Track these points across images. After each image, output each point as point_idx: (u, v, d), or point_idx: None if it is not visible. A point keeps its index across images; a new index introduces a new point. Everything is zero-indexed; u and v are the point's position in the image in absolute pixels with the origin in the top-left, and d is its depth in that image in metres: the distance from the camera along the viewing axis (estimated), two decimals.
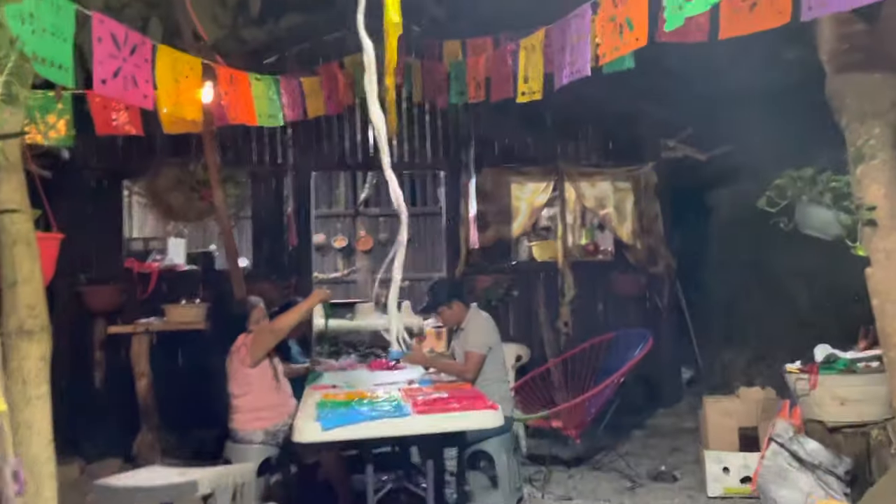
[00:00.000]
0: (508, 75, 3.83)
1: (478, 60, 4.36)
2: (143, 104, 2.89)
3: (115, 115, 4.20)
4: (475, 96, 4.46)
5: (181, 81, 3.26)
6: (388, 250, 11.99)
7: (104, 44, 2.61)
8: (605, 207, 7.37)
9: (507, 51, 3.84)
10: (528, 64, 3.57)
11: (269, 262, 6.99)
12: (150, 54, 2.92)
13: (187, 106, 3.30)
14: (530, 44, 3.56)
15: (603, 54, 2.76)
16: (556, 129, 7.43)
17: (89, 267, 6.81)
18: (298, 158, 7.10)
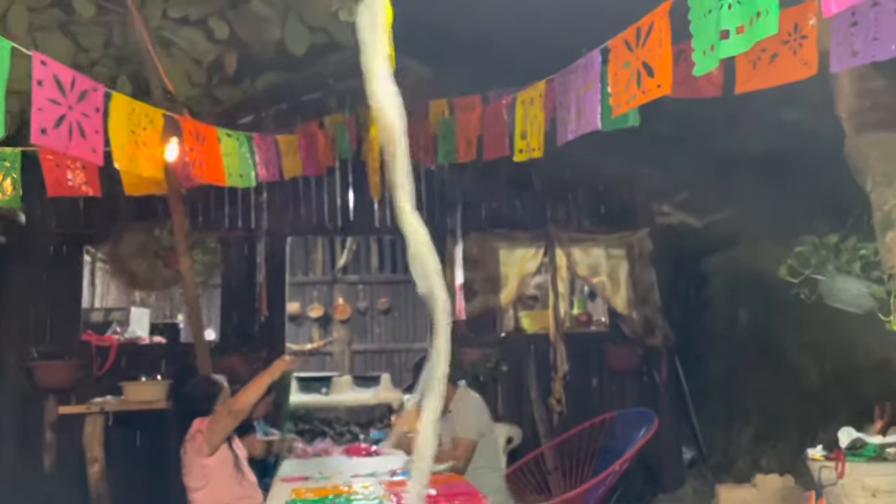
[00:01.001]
0: (503, 132, 3.48)
1: (469, 117, 4.02)
2: (90, 158, 2.48)
3: (71, 173, 3.77)
4: (465, 155, 4.10)
5: (139, 134, 2.86)
6: (366, 320, 11.57)
7: (45, 88, 2.22)
8: (598, 275, 6.99)
9: (501, 105, 3.51)
10: (526, 118, 3.22)
11: (238, 333, 6.47)
12: (102, 102, 2.53)
13: (145, 162, 2.90)
14: (528, 97, 3.22)
15: (617, 104, 2.41)
16: (546, 192, 7.12)
17: (43, 340, 6.25)
18: (273, 223, 6.68)
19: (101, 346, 6.24)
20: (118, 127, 2.69)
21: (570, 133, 2.75)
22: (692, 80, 3.15)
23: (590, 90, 2.59)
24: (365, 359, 11.35)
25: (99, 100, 2.48)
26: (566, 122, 2.76)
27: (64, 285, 6.39)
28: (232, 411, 3.69)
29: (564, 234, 6.92)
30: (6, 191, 3.48)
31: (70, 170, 3.83)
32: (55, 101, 2.26)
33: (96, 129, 2.46)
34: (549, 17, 5.31)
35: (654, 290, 6.93)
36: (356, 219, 6.89)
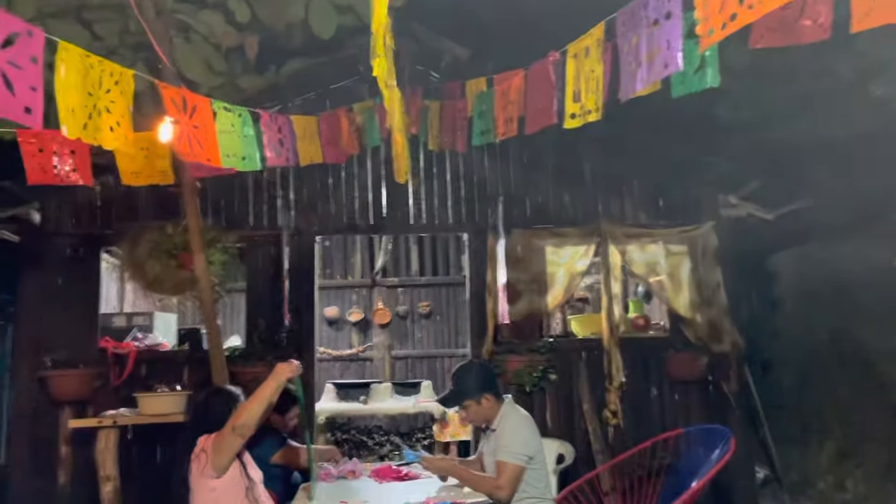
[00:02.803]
0: (550, 95, 2.89)
1: (509, 85, 3.42)
2: (22, 119, 1.98)
3: (57, 160, 3.30)
4: (505, 132, 3.50)
5: (99, 96, 2.36)
6: (407, 324, 11.05)
7: None
8: (657, 274, 6.30)
9: (547, 63, 2.91)
10: (579, 75, 2.62)
11: (264, 340, 5.98)
12: (42, 52, 2.03)
13: (106, 132, 2.38)
14: (582, 47, 2.62)
15: (707, 32, 1.79)
16: (598, 183, 6.47)
17: (58, 347, 5.87)
18: (300, 220, 6.18)
19: (118, 353, 5.83)
20: (69, 86, 2.20)
21: (639, 83, 2.15)
22: (792, 24, 2.51)
23: (666, 22, 1.99)
24: (405, 365, 10.84)
25: (36, 48, 1.99)
26: (633, 69, 2.16)
27: (80, 289, 6.01)
28: (236, 428, 3.18)
29: (618, 230, 6.25)
30: None
31: (56, 155, 3.37)
32: None
33: (32, 85, 1.97)
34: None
35: (721, 290, 6.20)
36: (389, 216, 6.35)
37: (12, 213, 5.77)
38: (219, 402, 3.51)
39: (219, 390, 3.81)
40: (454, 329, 10.86)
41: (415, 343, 10.86)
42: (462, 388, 3.83)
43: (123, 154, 3.77)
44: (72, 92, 2.23)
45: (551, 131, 5.66)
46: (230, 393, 3.61)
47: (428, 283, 10.94)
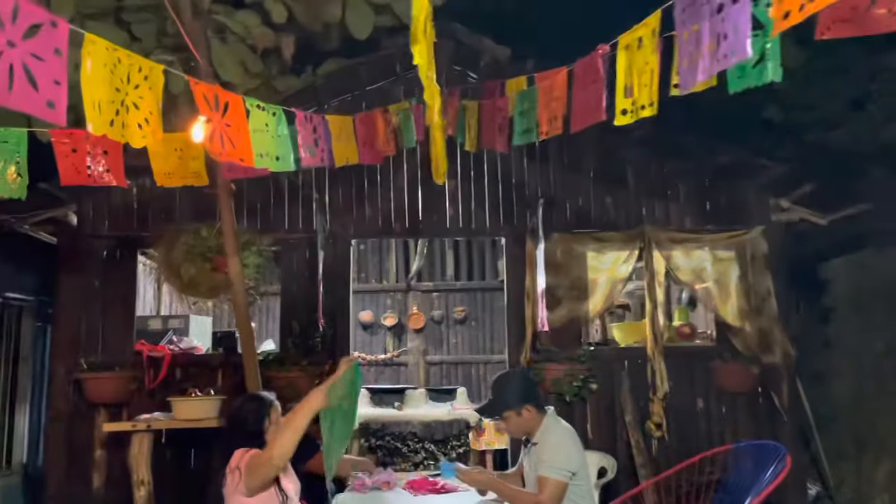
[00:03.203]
0: (598, 92, 2.71)
1: (553, 82, 3.25)
2: (44, 115, 1.88)
3: (90, 160, 3.23)
4: (548, 131, 3.33)
5: (127, 92, 2.26)
6: (442, 329, 10.90)
7: None
8: (703, 281, 6.05)
9: (596, 56, 2.74)
10: (631, 68, 2.45)
11: (299, 344, 5.89)
12: (66, 44, 1.93)
13: (135, 130, 2.28)
14: (634, 38, 2.45)
15: (782, 14, 1.61)
16: (641, 186, 6.25)
17: (94, 350, 5.86)
18: (336, 224, 6.08)
19: (153, 357, 5.79)
20: (95, 80, 2.10)
21: (700, 73, 1.97)
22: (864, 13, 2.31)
23: (733, 7, 1.81)
24: (440, 370, 10.69)
25: (60, 39, 1.90)
26: (694, 57, 1.98)
27: (117, 291, 6.00)
28: (272, 459, 3.04)
29: (663, 234, 6.03)
30: (8, 178, 2.96)
31: (90, 156, 3.30)
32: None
33: (56, 79, 1.87)
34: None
35: (771, 298, 5.93)
36: (425, 219, 6.22)
37: (50, 215, 5.78)
38: (252, 409, 3.38)
39: (252, 397, 3.67)
40: (489, 335, 10.68)
41: (450, 348, 10.70)
42: (502, 398, 3.66)
43: (156, 154, 3.69)
44: (98, 87, 2.13)
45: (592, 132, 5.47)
46: (263, 399, 3.47)
47: (463, 287, 10.77)
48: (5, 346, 7.34)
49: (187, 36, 4.03)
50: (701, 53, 1.96)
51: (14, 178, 3.02)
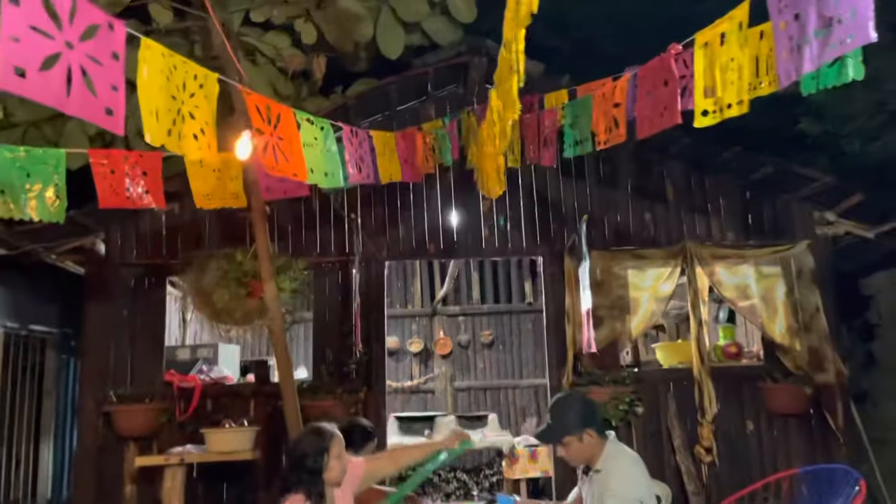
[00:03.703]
0: (671, 94, 2.55)
1: (612, 88, 3.10)
2: (102, 122, 1.75)
3: (129, 181, 3.10)
4: (608, 139, 3.17)
5: (182, 100, 2.13)
6: (469, 354, 10.68)
7: (24, 9, 1.50)
8: (749, 298, 5.84)
9: (668, 58, 2.59)
10: (712, 66, 2.29)
11: (332, 372, 5.71)
12: (123, 47, 1.80)
13: (190, 140, 2.14)
14: (715, 35, 2.29)
15: None
16: (681, 201, 6.08)
17: (123, 381, 5.70)
18: (369, 246, 5.93)
19: (183, 387, 5.62)
20: (151, 86, 1.98)
21: (807, 62, 1.81)
22: None
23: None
24: (468, 396, 10.42)
25: (117, 43, 1.77)
26: (799, 48, 1.82)
27: (146, 321, 5.85)
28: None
29: (705, 251, 5.84)
30: (48, 201, 2.83)
31: (129, 177, 3.17)
32: (42, 32, 1.55)
33: (113, 84, 1.74)
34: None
35: (820, 314, 5.71)
36: (460, 239, 6.06)
37: (78, 244, 5.66)
38: (311, 442, 3.07)
39: (312, 430, 3.32)
40: (518, 359, 10.44)
41: (477, 374, 10.47)
42: (561, 422, 3.45)
43: (195, 175, 3.57)
44: (155, 94, 2.00)
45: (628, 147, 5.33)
46: (324, 432, 3.14)
47: (490, 311, 10.56)
48: (29, 379, 7.22)
49: (229, 45, 3.91)
50: (807, 41, 1.80)
51: (53, 201, 2.90)
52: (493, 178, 3.16)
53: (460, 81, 6.16)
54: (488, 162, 3.23)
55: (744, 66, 2.19)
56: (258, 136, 2.54)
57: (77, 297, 5.94)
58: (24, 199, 2.87)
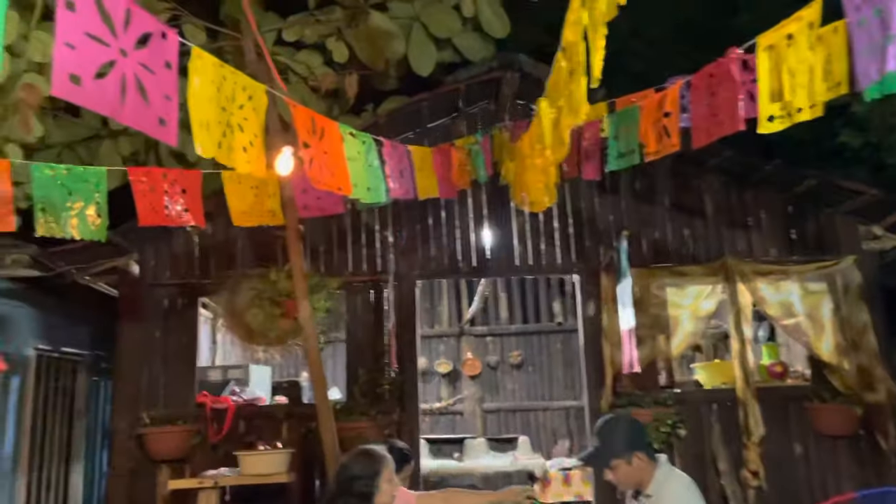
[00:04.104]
0: (732, 99, 2.44)
1: (662, 97, 3.00)
2: (155, 133, 1.69)
3: (168, 199, 3.05)
4: (659, 150, 3.06)
5: (232, 112, 2.07)
6: (498, 375, 10.54)
7: (80, 15, 1.45)
8: (794, 315, 5.66)
9: (729, 62, 2.48)
10: (779, 70, 2.18)
11: (366, 392, 5.61)
12: (176, 57, 1.74)
13: (240, 154, 2.08)
14: (781, 37, 2.19)
15: None
16: (720, 216, 5.94)
17: (155, 403, 5.65)
18: (401, 264, 5.85)
19: (216, 409, 5.56)
20: (202, 97, 1.92)
21: (891, 61, 1.70)
22: None
23: None
24: (498, 418, 10.26)
25: (171, 52, 1.71)
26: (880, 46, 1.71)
27: (179, 342, 5.81)
28: None
29: (747, 267, 5.68)
30: (89, 219, 2.78)
31: (167, 195, 3.13)
32: (98, 39, 1.50)
33: (166, 94, 1.68)
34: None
35: (869, 331, 5.52)
36: (492, 257, 5.96)
37: (112, 265, 5.65)
38: (362, 466, 2.94)
39: (362, 452, 3.18)
40: (548, 380, 10.28)
41: (506, 395, 10.31)
42: (609, 445, 3.31)
43: (233, 192, 3.53)
44: (206, 105, 1.95)
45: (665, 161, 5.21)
46: (374, 455, 3.00)
47: (519, 331, 10.42)
48: (61, 401, 7.19)
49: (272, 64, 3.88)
50: (891, 39, 1.70)
51: (95, 220, 2.85)
52: (542, 190, 3.07)
53: (492, 97, 6.10)
54: (533, 175, 3.14)
55: (816, 67, 2.08)
56: (304, 149, 2.48)
57: (109, 318, 5.92)
58: (65, 217, 2.83)
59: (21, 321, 6.24)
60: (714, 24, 9.14)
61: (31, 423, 6.50)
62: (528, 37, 7.74)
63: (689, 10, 9.30)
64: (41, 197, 2.81)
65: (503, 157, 5.08)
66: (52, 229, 2.88)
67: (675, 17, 9.28)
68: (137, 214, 3.31)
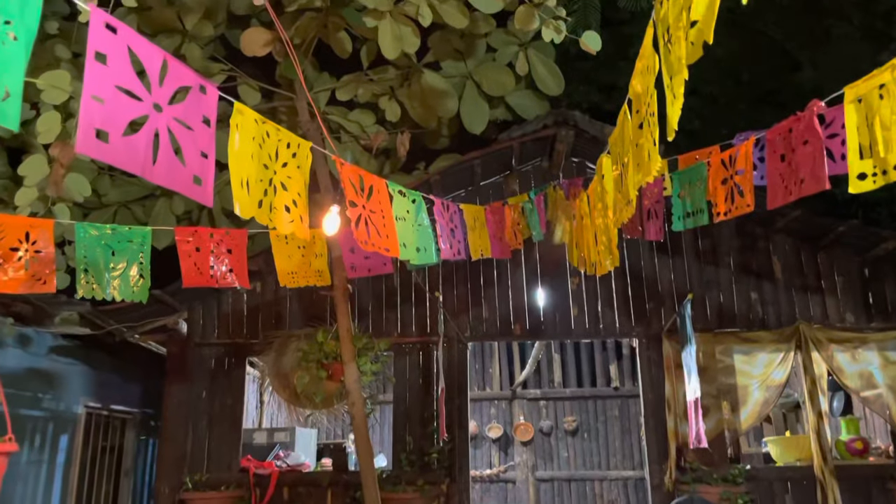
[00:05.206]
0: (814, 156, 2.23)
1: (733, 154, 2.78)
2: (189, 192, 1.57)
3: (214, 259, 2.97)
4: (729, 210, 2.84)
5: (275, 169, 1.96)
6: (551, 441, 10.11)
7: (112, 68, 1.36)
8: (874, 387, 5.23)
9: (810, 116, 2.28)
10: (870, 124, 1.97)
11: (413, 461, 5.37)
12: (215, 112, 1.64)
13: (282, 213, 1.96)
14: (871, 88, 1.98)
15: None
16: (791, 279, 5.59)
17: (200, 466, 5.51)
18: (451, 326, 5.66)
19: (259, 474, 5.38)
20: (242, 154, 1.81)
21: None
22: None
23: None
24: (552, 488, 9.78)
25: (209, 107, 1.61)
26: None
27: (225, 403, 5.69)
28: None
29: (821, 334, 5.31)
30: (131, 280, 2.70)
31: (213, 255, 3.04)
32: (129, 93, 1.40)
33: (203, 151, 1.57)
34: None
35: None
36: (547, 319, 5.72)
37: (161, 323, 5.62)
38: None
39: None
40: (604, 448, 9.79)
41: (560, 463, 9.84)
42: None
43: (280, 252, 3.43)
44: (246, 162, 1.84)
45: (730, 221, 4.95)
46: None
47: (573, 395, 10.01)
48: (108, 459, 7.14)
49: (306, 137, 3.83)
50: None
51: (136, 280, 2.77)
52: (603, 252, 2.87)
53: (545, 154, 5.97)
54: (593, 235, 2.95)
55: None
56: (351, 208, 2.36)
57: (159, 376, 5.87)
58: (107, 278, 2.77)
59: (71, 378, 6.25)
60: (774, 81, 8.91)
61: (78, 480, 6.44)
62: (582, 96, 7.64)
63: (748, 67, 9.09)
64: (84, 257, 2.77)
65: (558, 216, 4.90)
66: (94, 291, 2.83)
67: (734, 74, 9.08)
68: (182, 276, 3.24)
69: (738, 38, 8.60)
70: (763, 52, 9.06)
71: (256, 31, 4.57)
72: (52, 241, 2.70)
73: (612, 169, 2.50)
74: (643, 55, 1.83)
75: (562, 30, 2.69)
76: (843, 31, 8.02)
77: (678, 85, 1.48)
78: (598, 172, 2.79)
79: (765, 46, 9.01)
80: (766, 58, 9.15)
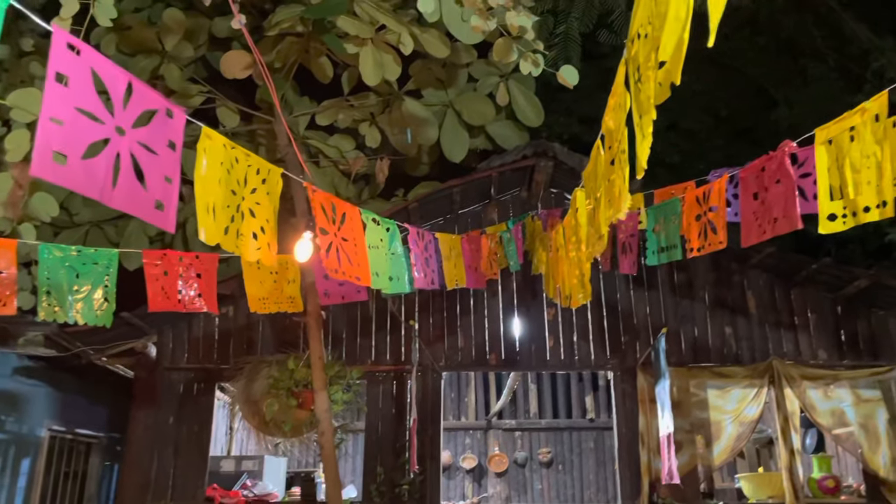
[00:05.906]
0: (788, 196, 2.24)
1: (706, 191, 2.80)
2: (151, 218, 1.53)
3: (182, 283, 2.91)
4: (702, 246, 2.84)
5: (243, 196, 1.93)
6: (526, 473, 10.01)
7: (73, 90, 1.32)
8: (846, 425, 5.25)
9: (782, 156, 2.29)
10: (840, 165, 1.97)
11: (384, 493, 5.27)
12: (181, 136, 1.61)
13: (248, 241, 1.92)
14: (842, 129, 1.99)
15: None
16: (765, 315, 5.62)
17: (164, 494, 5.36)
18: (425, 355, 5.60)
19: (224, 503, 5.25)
20: (210, 180, 1.78)
21: None
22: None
23: None
24: None
25: (175, 131, 1.58)
26: None
27: (192, 429, 5.57)
28: None
29: (794, 370, 5.32)
30: (95, 303, 2.64)
31: (182, 280, 2.98)
32: (91, 115, 1.37)
33: (167, 175, 1.53)
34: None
35: None
36: (523, 350, 5.69)
37: (129, 346, 5.50)
38: None
39: None
40: (579, 480, 9.71)
41: (534, 495, 9.74)
42: None
43: (252, 278, 3.37)
44: (213, 188, 1.81)
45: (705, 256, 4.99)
46: None
47: (549, 426, 9.95)
48: (71, 485, 6.94)
49: (283, 161, 3.81)
50: None
51: (101, 303, 2.71)
52: (577, 285, 2.86)
53: (524, 185, 5.99)
54: (567, 268, 2.94)
55: (884, 163, 1.88)
56: (322, 235, 2.32)
57: (126, 400, 5.73)
58: (70, 301, 2.70)
59: (35, 401, 6.09)
60: (751, 118, 9.05)
61: None
62: (562, 127, 7.69)
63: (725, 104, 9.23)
64: (47, 279, 2.70)
65: (536, 247, 4.90)
66: (56, 314, 2.75)
67: (712, 110, 9.21)
68: (148, 300, 3.17)
69: (717, 76, 8.74)
70: (741, 90, 9.22)
71: (236, 54, 4.56)
72: (14, 261, 2.63)
73: (585, 203, 2.49)
74: (615, 92, 1.84)
75: (539, 63, 2.71)
76: (819, 72, 8.19)
77: (647, 125, 1.48)
78: (572, 206, 2.78)
79: (743, 84, 9.17)
80: (744, 95, 9.31)
